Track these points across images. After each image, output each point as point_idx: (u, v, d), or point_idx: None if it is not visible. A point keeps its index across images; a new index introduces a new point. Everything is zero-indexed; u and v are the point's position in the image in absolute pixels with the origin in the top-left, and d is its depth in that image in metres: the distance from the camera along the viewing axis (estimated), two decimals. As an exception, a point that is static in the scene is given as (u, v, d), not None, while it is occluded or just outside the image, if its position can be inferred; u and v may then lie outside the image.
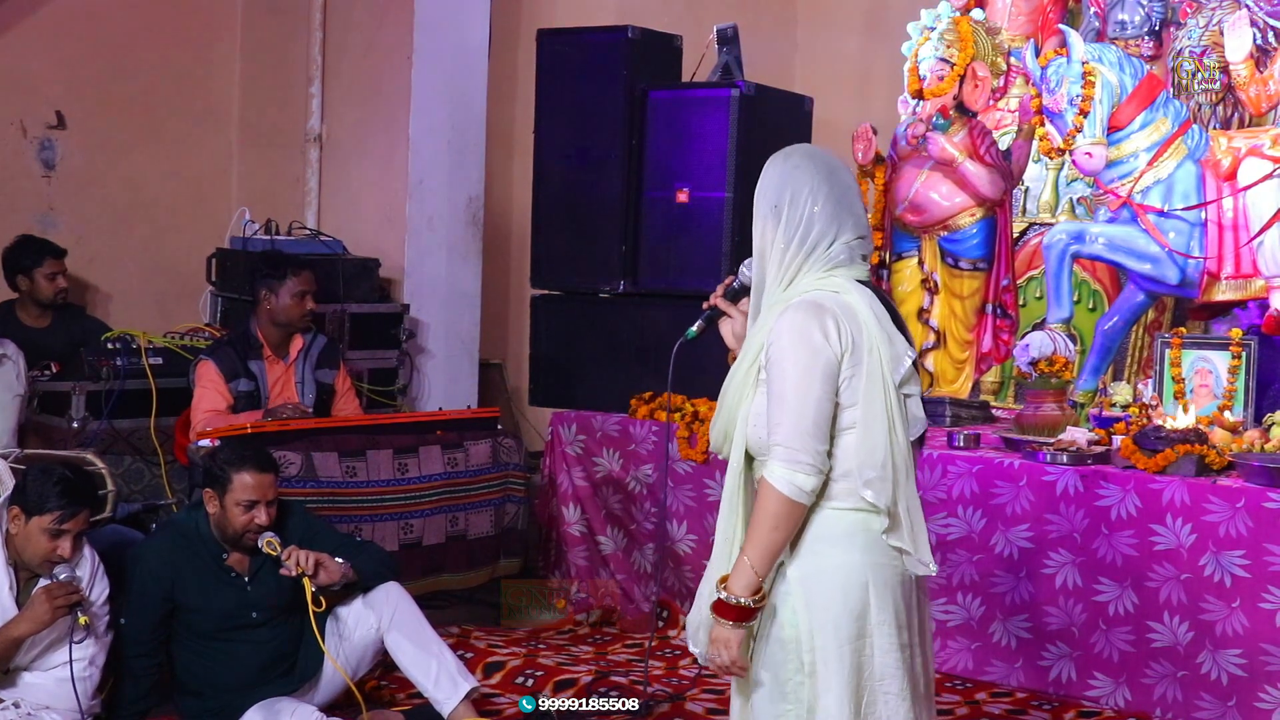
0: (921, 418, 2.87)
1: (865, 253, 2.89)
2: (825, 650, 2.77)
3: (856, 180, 3.00)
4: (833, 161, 2.95)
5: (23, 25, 6.61)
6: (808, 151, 2.98)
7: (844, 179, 2.92)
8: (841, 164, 2.96)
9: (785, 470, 2.71)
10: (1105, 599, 4.76)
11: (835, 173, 2.91)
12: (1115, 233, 5.88)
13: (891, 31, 7.45)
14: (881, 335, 2.78)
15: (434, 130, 7.06)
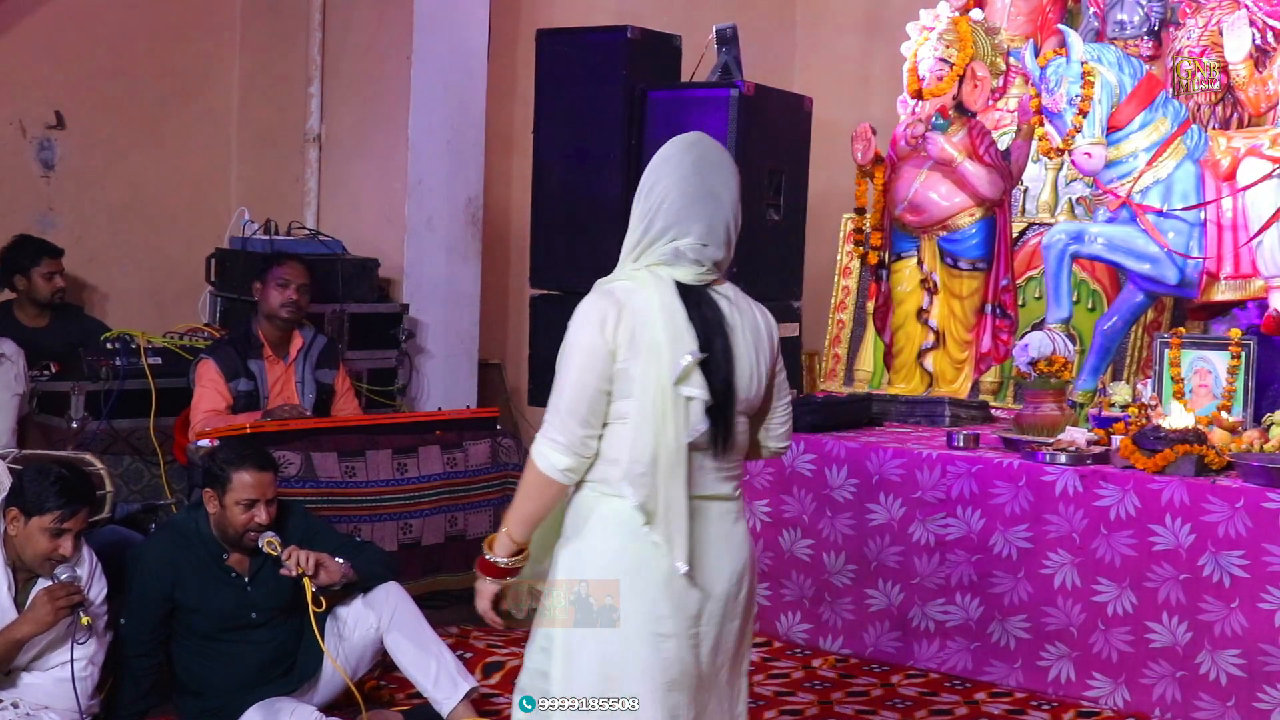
0: (700, 425, 2.82)
1: (703, 258, 2.87)
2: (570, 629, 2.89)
3: (727, 186, 2.89)
4: (709, 161, 2.91)
5: (22, 25, 6.61)
6: (691, 145, 2.93)
7: (710, 183, 2.89)
8: (721, 165, 2.93)
9: (544, 446, 2.84)
10: (1104, 599, 4.76)
11: (704, 174, 2.89)
12: (1114, 233, 5.88)
13: (890, 32, 7.45)
14: (666, 334, 2.80)
15: (433, 130, 7.06)
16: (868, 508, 5.28)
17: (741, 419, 2.93)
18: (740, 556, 2.96)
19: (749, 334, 2.91)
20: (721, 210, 2.88)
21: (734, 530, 2.95)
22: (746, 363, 2.90)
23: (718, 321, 2.87)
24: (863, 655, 5.28)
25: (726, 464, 2.93)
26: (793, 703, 4.83)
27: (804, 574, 5.43)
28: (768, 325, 2.99)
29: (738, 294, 2.96)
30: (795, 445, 5.42)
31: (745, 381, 2.90)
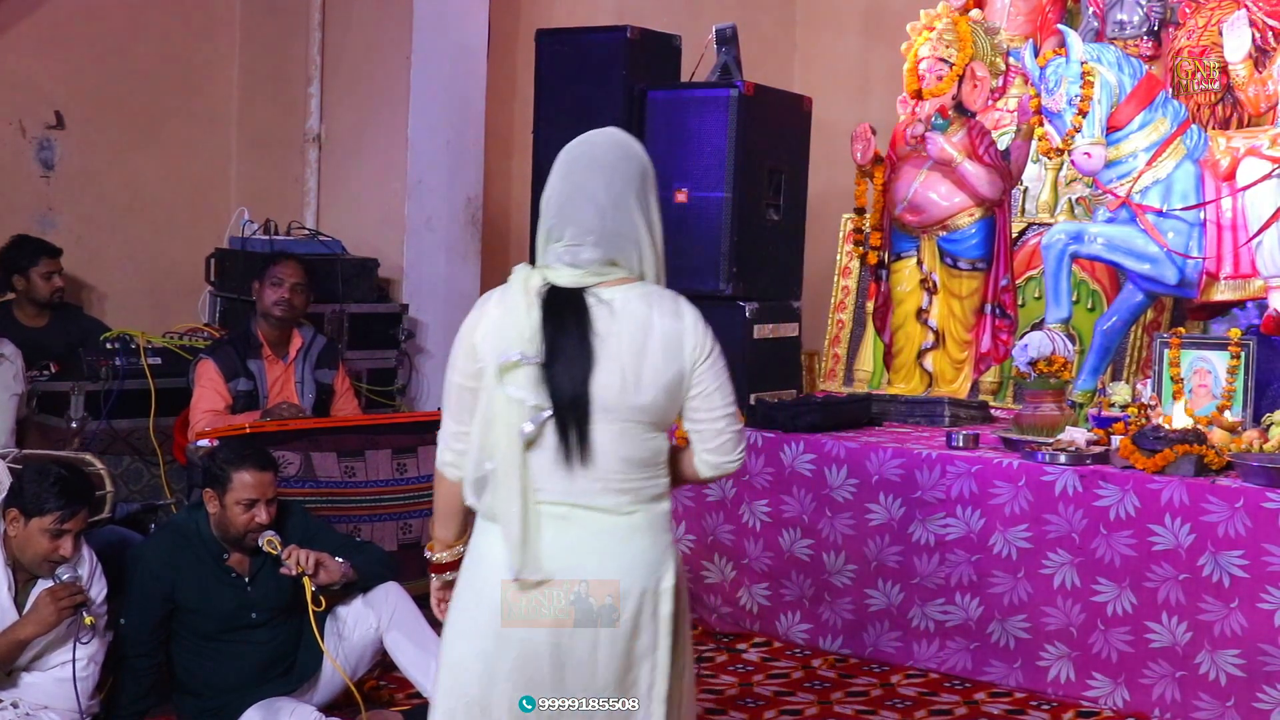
0: (527, 427, 2.76)
1: (577, 260, 2.80)
2: (450, 622, 2.90)
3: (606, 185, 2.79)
4: (587, 159, 2.84)
5: (22, 25, 6.61)
6: (573, 146, 2.87)
7: (583, 182, 2.82)
8: (599, 163, 2.84)
9: (438, 441, 2.95)
10: (1104, 599, 4.76)
11: (576, 174, 2.83)
12: (1114, 233, 5.88)
13: (890, 32, 7.46)
14: (507, 337, 2.81)
15: (433, 130, 7.06)
16: (867, 508, 5.28)
17: (612, 428, 2.77)
18: (635, 574, 2.81)
19: (630, 339, 2.77)
20: (594, 210, 2.80)
21: (627, 547, 2.81)
22: (616, 369, 2.76)
23: (577, 325, 2.76)
24: (862, 655, 5.28)
25: (610, 474, 2.79)
26: (792, 703, 4.83)
27: (803, 574, 5.43)
28: (675, 331, 2.82)
29: (645, 297, 2.81)
30: (795, 445, 5.43)
31: (612, 389, 2.76)
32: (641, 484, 2.83)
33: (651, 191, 2.87)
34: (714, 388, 2.87)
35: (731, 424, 2.90)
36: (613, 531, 2.81)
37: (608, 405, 2.77)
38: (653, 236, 2.86)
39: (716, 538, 5.62)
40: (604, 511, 2.81)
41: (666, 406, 2.83)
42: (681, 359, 2.81)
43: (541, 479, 2.80)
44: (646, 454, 2.83)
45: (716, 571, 5.63)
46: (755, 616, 5.55)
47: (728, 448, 2.92)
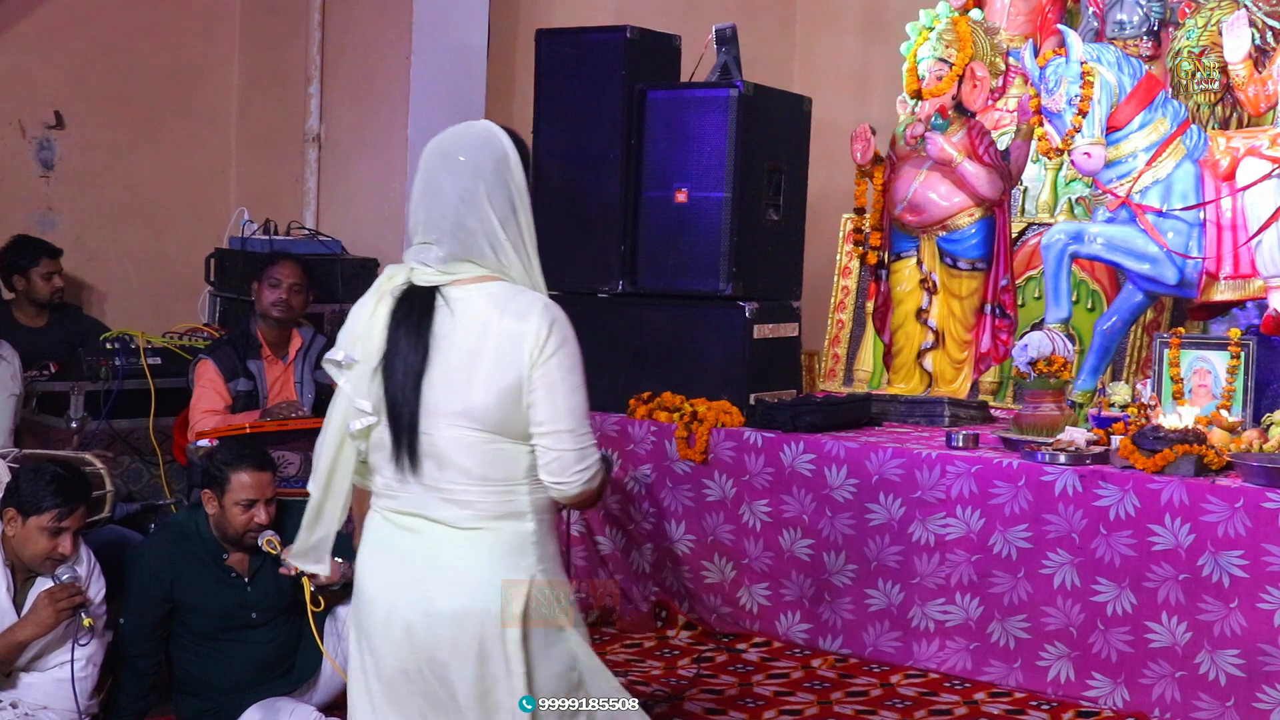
0: (354, 425, 2.75)
1: (426, 258, 2.72)
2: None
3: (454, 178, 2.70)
4: (439, 153, 2.76)
5: (22, 25, 6.61)
6: (432, 141, 2.80)
7: (434, 177, 2.74)
8: (450, 157, 2.74)
9: None
10: (1103, 599, 4.76)
11: (429, 169, 2.75)
12: (1114, 233, 5.88)
13: (890, 32, 7.46)
14: (355, 334, 2.80)
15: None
16: (867, 508, 5.28)
17: (448, 434, 2.67)
18: (475, 596, 2.68)
19: (464, 341, 2.66)
20: (442, 205, 2.71)
21: (473, 566, 2.69)
22: (447, 371, 2.66)
23: (416, 326, 2.69)
24: (862, 655, 5.28)
25: (446, 484, 2.69)
26: (792, 703, 4.83)
27: (804, 574, 5.43)
28: (515, 333, 2.68)
29: (493, 296, 2.70)
30: (794, 445, 5.43)
31: (441, 393, 2.66)
32: (485, 498, 2.69)
33: (513, 184, 2.73)
34: (544, 397, 2.69)
35: (566, 440, 2.70)
36: (454, 548, 2.70)
37: (438, 410, 2.67)
38: (513, 232, 2.73)
39: (716, 537, 5.62)
40: (444, 525, 2.70)
41: (506, 414, 2.67)
42: (519, 363, 2.67)
43: (386, 486, 2.75)
44: (491, 466, 2.68)
45: (716, 571, 5.63)
46: (755, 616, 5.55)
47: (558, 467, 2.71)
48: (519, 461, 2.71)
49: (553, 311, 2.73)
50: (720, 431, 5.65)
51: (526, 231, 2.75)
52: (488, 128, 2.79)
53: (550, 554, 2.78)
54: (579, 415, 2.72)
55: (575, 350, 2.74)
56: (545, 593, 2.72)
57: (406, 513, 2.73)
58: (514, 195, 2.73)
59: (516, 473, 2.71)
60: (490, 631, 2.68)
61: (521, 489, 2.72)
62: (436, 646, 2.70)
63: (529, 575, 2.71)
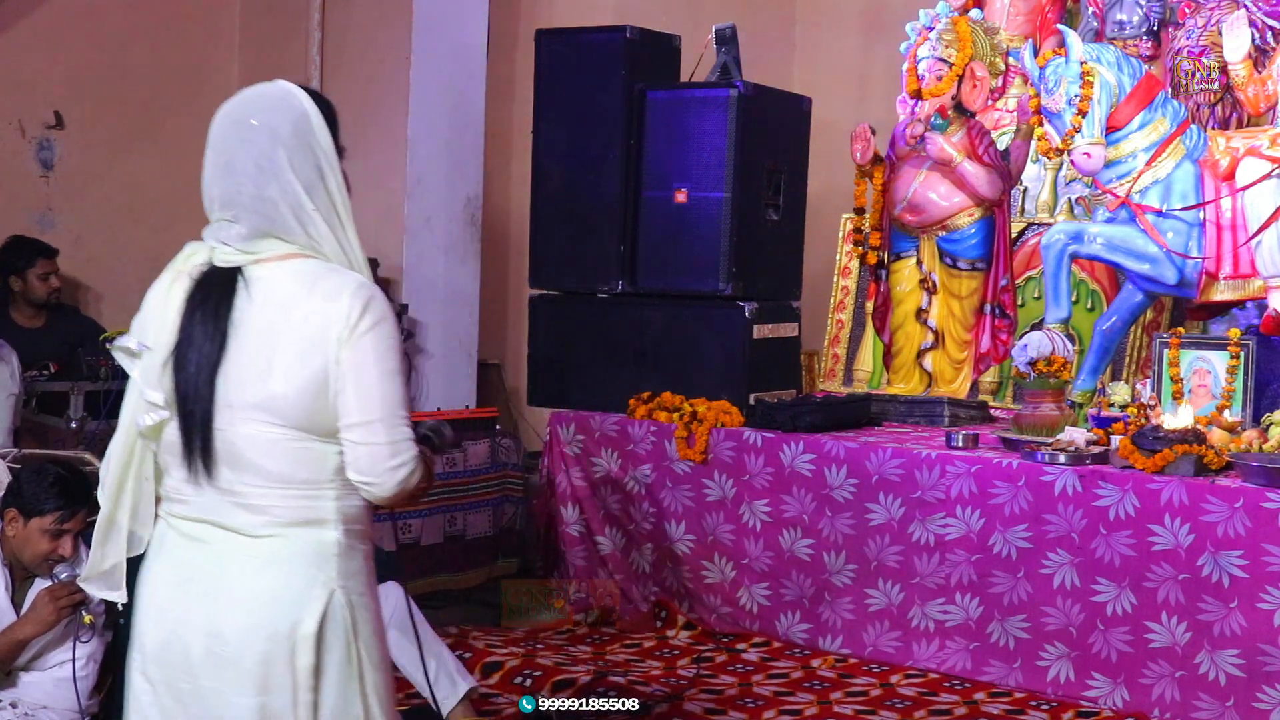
0: (143, 420, 2.43)
1: (226, 236, 2.44)
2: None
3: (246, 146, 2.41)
4: (230, 121, 2.44)
5: (21, 25, 6.61)
6: (230, 101, 2.48)
7: (225, 148, 2.42)
8: (242, 124, 2.43)
9: None
10: (1103, 599, 4.76)
11: (219, 139, 2.44)
12: (1113, 233, 5.88)
13: (890, 31, 7.46)
14: (147, 320, 2.51)
15: (432, 130, 7.06)
16: (867, 507, 5.28)
17: (245, 430, 2.38)
18: (262, 613, 2.37)
19: (264, 324, 2.37)
20: (237, 176, 2.40)
21: (256, 580, 2.39)
22: (244, 359, 2.37)
23: (214, 311, 2.39)
24: (862, 655, 5.28)
25: (241, 486, 2.39)
26: (792, 703, 4.83)
27: (804, 574, 5.43)
28: (323, 315, 2.37)
29: (300, 275, 2.40)
30: (794, 445, 5.43)
31: (237, 383, 2.37)
32: (284, 502, 2.39)
33: (318, 147, 2.43)
34: (353, 383, 2.37)
35: (377, 433, 2.39)
36: (245, 559, 2.40)
37: (234, 403, 2.37)
38: (322, 201, 2.43)
39: (716, 537, 5.62)
40: (234, 532, 2.40)
41: (311, 407, 2.37)
42: (326, 349, 2.36)
43: (176, 490, 2.45)
44: (293, 466, 2.39)
45: (716, 571, 5.63)
46: (755, 616, 5.55)
47: (368, 463, 2.41)
48: (325, 462, 2.41)
49: (367, 291, 2.40)
50: (720, 431, 5.65)
51: (339, 199, 2.45)
52: (281, 87, 2.48)
53: (357, 569, 2.45)
54: (392, 404, 2.40)
55: (392, 332, 2.42)
56: (346, 614, 2.41)
57: (196, 519, 2.42)
58: (320, 159, 2.43)
59: (322, 474, 2.41)
60: (277, 656, 2.37)
61: (327, 493, 2.42)
62: (217, 673, 2.38)
63: (328, 590, 2.39)
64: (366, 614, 2.46)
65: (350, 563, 2.44)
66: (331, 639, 2.40)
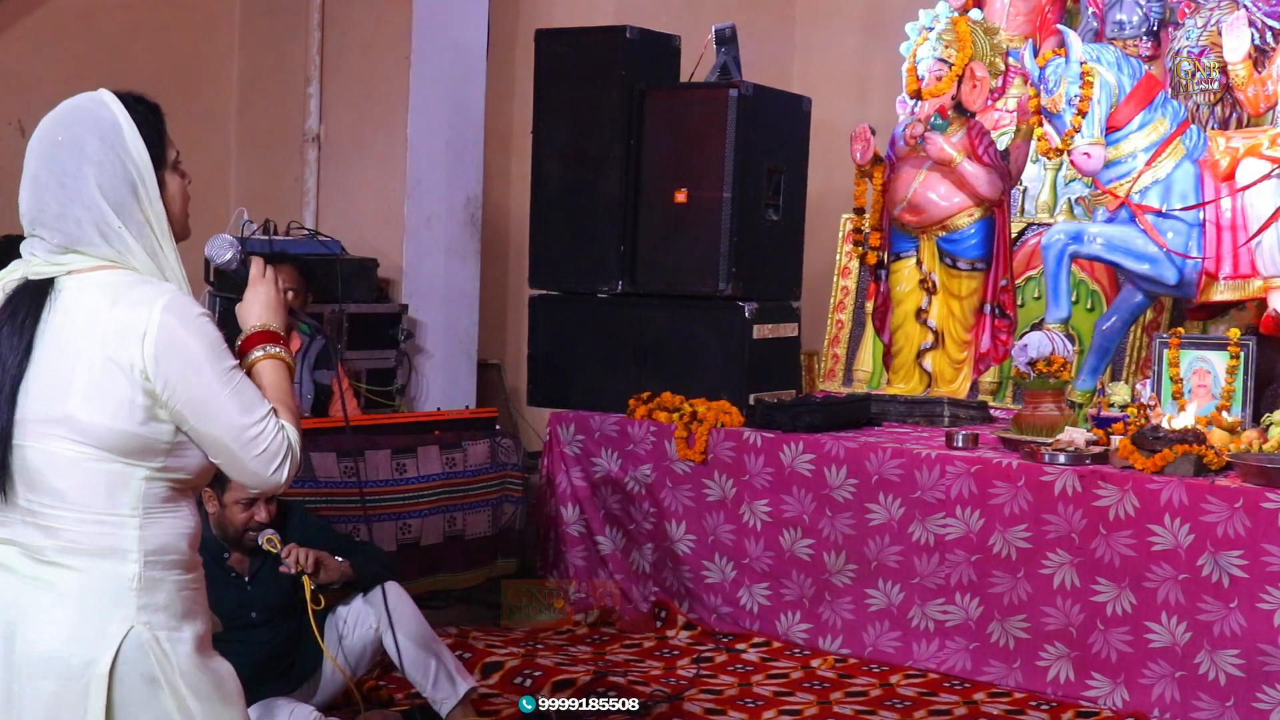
0: None
1: (33, 249, 2.36)
2: None
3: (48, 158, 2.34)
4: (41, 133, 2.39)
5: (21, 25, 6.61)
6: (53, 111, 2.44)
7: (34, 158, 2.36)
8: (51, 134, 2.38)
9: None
10: (1103, 599, 4.76)
11: (32, 151, 2.38)
12: (1113, 233, 5.88)
13: (890, 32, 7.46)
14: None
15: (432, 130, 7.06)
16: (867, 508, 5.28)
17: (46, 447, 2.27)
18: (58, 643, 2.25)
19: (67, 337, 2.28)
20: (40, 193, 2.32)
21: (57, 611, 2.26)
22: (50, 373, 2.27)
23: (22, 324, 2.29)
24: (862, 655, 5.28)
25: (34, 505, 2.29)
26: (792, 703, 4.83)
27: (804, 573, 5.43)
28: (128, 327, 2.26)
29: (110, 287, 2.30)
30: (794, 445, 5.43)
31: (42, 399, 2.27)
32: (79, 527, 2.27)
33: (130, 161, 2.36)
34: (190, 410, 2.28)
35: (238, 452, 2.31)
36: (40, 591, 2.27)
37: (33, 419, 2.28)
38: (133, 218, 2.33)
39: (717, 537, 5.62)
40: (30, 557, 2.28)
41: (115, 426, 2.26)
42: (131, 365, 2.25)
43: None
44: (91, 489, 2.27)
45: (717, 571, 5.63)
46: (755, 616, 5.55)
47: (250, 480, 2.36)
48: (128, 488, 2.29)
49: (171, 299, 2.28)
50: (720, 431, 5.65)
51: (153, 213, 2.35)
52: (94, 97, 2.42)
53: (163, 602, 2.31)
54: (234, 412, 2.30)
55: (205, 334, 2.29)
56: (150, 649, 2.28)
57: (2, 541, 2.31)
58: (132, 173, 2.34)
59: (123, 502, 2.28)
60: (68, 698, 2.25)
61: (128, 523, 2.28)
62: (13, 708, 2.27)
63: (125, 626, 2.26)
64: (184, 646, 2.32)
65: (154, 596, 2.29)
66: (129, 678, 2.26)
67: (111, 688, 2.24)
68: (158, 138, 2.42)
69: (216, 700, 2.37)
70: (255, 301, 2.49)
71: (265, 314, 2.48)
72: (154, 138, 2.41)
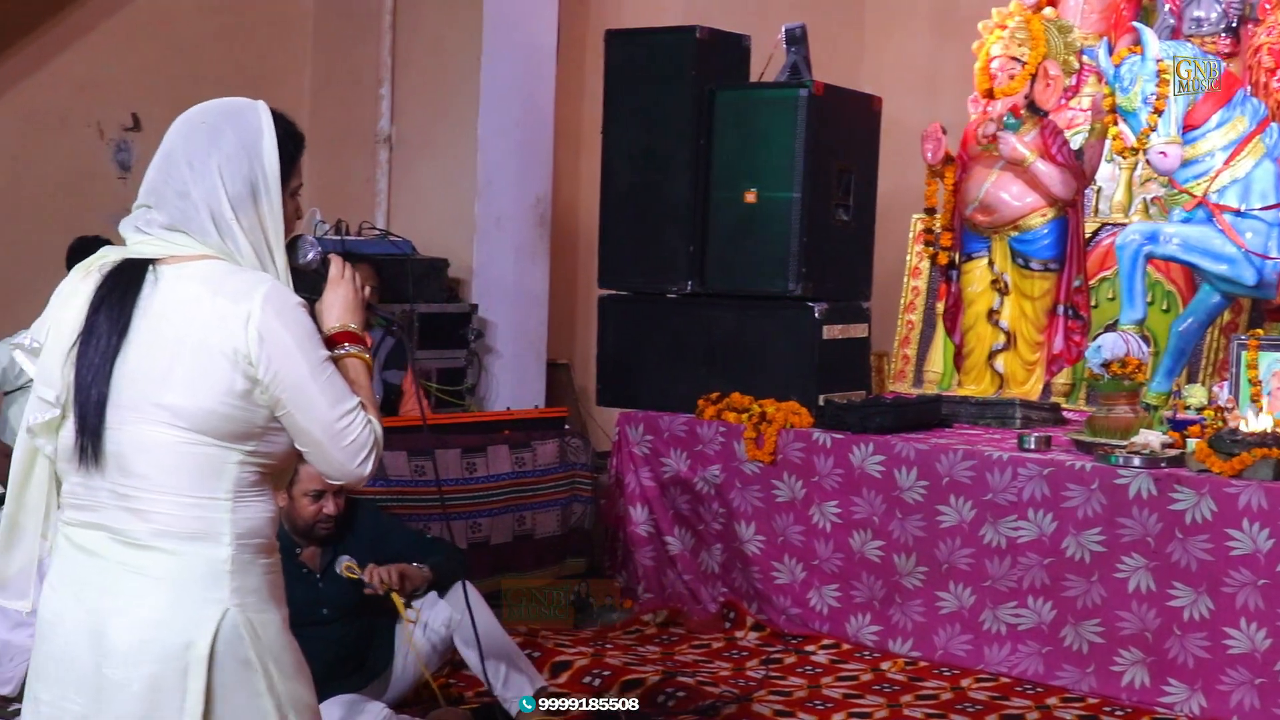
0: (35, 417, 2.36)
1: (144, 223, 2.38)
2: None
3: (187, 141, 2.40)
4: (181, 121, 2.45)
5: (100, 29, 6.70)
6: (205, 103, 2.52)
7: (170, 141, 2.42)
8: (191, 122, 2.45)
9: None
10: (1180, 604, 4.70)
11: (170, 136, 2.44)
12: (1190, 233, 5.81)
13: (961, 30, 7.40)
14: (48, 317, 2.41)
15: (502, 130, 7.09)
16: (938, 509, 5.24)
17: (139, 430, 2.29)
18: (153, 629, 2.28)
19: (166, 323, 2.30)
20: (169, 168, 2.37)
21: (150, 595, 2.29)
22: (149, 357, 2.29)
23: (119, 304, 2.32)
24: (932, 658, 5.25)
25: (126, 487, 2.31)
26: (861, 705, 4.80)
27: (874, 575, 5.40)
28: (227, 318, 2.29)
29: (210, 276, 2.33)
30: (864, 446, 5.40)
31: (132, 381, 2.29)
32: (174, 510, 2.30)
33: (259, 168, 2.39)
34: (287, 398, 2.32)
35: (327, 444, 2.36)
36: (132, 572, 2.30)
37: (129, 402, 2.29)
38: (248, 219, 2.37)
39: (786, 538, 5.60)
40: (124, 541, 2.30)
41: (213, 411, 2.29)
42: (231, 352, 2.28)
43: (71, 493, 2.37)
44: (185, 473, 2.30)
45: (786, 572, 5.61)
46: (825, 618, 5.53)
47: (334, 472, 2.42)
48: (223, 472, 2.32)
49: (271, 287, 2.33)
50: (789, 432, 5.63)
51: (270, 224, 2.39)
52: (248, 103, 2.50)
53: (254, 585, 2.38)
54: (325, 404, 2.34)
55: (302, 324, 2.35)
56: (244, 631, 2.32)
57: (89, 526, 2.33)
58: (257, 179, 2.38)
59: (218, 486, 2.32)
60: (167, 679, 2.28)
61: (221, 506, 2.32)
62: (104, 694, 2.30)
63: (221, 609, 2.31)
64: (271, 629, 2.39)
65: (246, 579, 2.36)
66: (226, 659, 2.30)
67: (210, 669, 2.28)
68: (290, 162, 2.45)
69: (299, 681, 2.42)
70: (336, 302, 2.52)
71: (345, 314, 2.51)
72: (287, 158, 2.45)
